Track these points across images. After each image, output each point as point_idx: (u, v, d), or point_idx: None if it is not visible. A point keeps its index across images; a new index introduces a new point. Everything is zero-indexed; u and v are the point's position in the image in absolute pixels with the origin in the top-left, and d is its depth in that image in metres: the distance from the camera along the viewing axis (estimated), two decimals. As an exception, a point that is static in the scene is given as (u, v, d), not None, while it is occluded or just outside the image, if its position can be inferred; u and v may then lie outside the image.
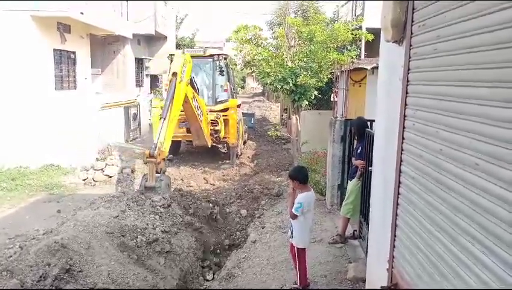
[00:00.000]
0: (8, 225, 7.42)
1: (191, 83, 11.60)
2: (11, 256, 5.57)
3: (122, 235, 6.58)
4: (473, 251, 2.05)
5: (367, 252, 4.72)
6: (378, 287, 3.36)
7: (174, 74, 9.28)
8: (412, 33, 2.98)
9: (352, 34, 11.55)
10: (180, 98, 9.44)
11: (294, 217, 4.64)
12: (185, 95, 9.84)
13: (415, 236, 2.79)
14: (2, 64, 11.16)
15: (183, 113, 12.89)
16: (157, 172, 8.41)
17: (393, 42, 3.29)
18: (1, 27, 11.08)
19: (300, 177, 4.67)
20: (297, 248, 4.72)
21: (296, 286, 4.83)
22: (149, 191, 8.29)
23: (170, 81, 9.29)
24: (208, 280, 6.80)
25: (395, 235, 3.18)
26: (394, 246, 3.19)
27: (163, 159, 8.64)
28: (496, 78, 1.92)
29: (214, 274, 6.88)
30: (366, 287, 4.45)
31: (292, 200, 4.68)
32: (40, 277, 4.94)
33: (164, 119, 8.81)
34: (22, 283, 4.81)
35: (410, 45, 2.99)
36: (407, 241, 2.93)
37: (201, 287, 6.25)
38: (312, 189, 4.92)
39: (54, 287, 4.90)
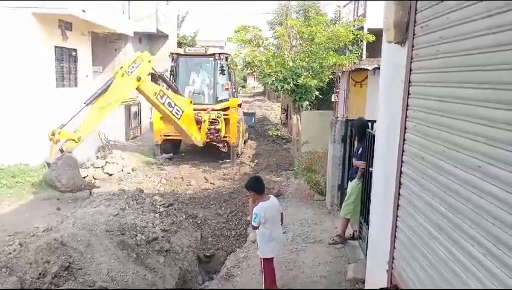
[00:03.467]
0: (8, 222, 7.41)
1: (164, 79, 11.96)
2: (10, 253, 5.56)
3: (121, 234, 6.58)
4: (474, 253, 2.05)
5: (367, 253, 4.71)
6: (378, 288, 3.36)
7: (121, 68, 9.87)
8: (414, 34, 2.98)
9: (353, 34, 11.53)
10: (120, 90, 9.91)
11: (254, 228, 4.62)
12: (133, 89, 10.48)
13: (416, 238, 2.79)
14: (3, 61, 11.14)
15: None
16: (61, 151, 8.74)
17: (395, 43, 3.28)
18: (2, 24, 11.07)
19: (255, 187, 4.62)
20: (262, 259, 4.68)
21: None
22: (48, 167, 8.68)
23: (116, 73, 9.81)
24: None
25: (395, 237, 3.17)
26: (394, 248, 3.19)
27: (75, 141, 8.90)
28: (498, 80, 1.91)
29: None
30: (366, 288, 4.44)
31: (251, 211, 4.62)
32: (40, 274, 4.93)
33: (86, 105, 9.27)
34: (22, 280, 4.81)
35: (413, 46, 2.98)
36: (408, 243, 2.93)
37: (201, 287, 6.24)
38: (272, 197, 4.79)
39: (53, 285, 4.89)
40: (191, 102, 12.35)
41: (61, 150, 8.74)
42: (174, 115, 11.41)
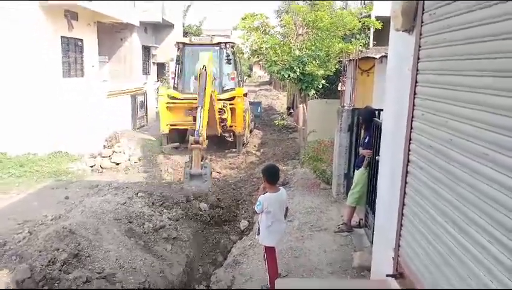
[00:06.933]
0: (17, 211, 7.51)
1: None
2: (20, 241, 5.66)
3: (129, 222, 6.67)
4: (480, 241, 2.05)
5: (373, 241, 4.73)
6: (384, 276, 3.38)
7: (204, 68, 9.54)
8: (422, 22, 2.94)
9: (360, 21, 11.43)
10: (209, 89, 9.78)
11: (257, 213, 4.69)
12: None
13: (422, 225, 2.80)
14: (11, 52, 11.20)
15: (190, 102, 12.96)
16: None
17: (403, 31, 3.25)
18: (9, 15, 11.09)
19: (267, 174, 4.63)
20: (264, 246, 4.75)
21: (267, 287, 4.79)
22: (195, 178, 8.36)
23: (200, 74, 9.49)
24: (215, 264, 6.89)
25: (401, 225, 3.18)
26: (400, 235, 3.20)
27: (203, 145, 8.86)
28: (506, 67, 1.90)
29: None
30: (371, 276, 4.47)
31: (258, 196, 4.72)
32: (49, 261, 5.02)
33: (202, 107, 9.13)
34: (32, 267, 4.89)
35: (421, 34, 2.95)
36: (414, 231, 2.94)
37: (200, 287, 6.30)
38: (282, 190, 4.75)
39: (62, 272, 4.97)
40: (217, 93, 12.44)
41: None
42: (214, 107, 11.47)
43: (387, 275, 3.31)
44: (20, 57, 11.24)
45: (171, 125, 13.49)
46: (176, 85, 14.02)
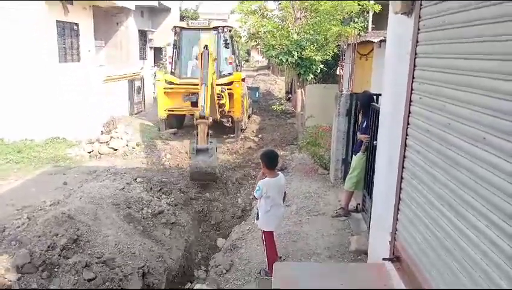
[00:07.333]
0: (15, 197, 7.51)
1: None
2: (19, 227, 5.67)
3: (128, 207, 6.69)
4: (477, 225, 2.06)
5: (370, 225, 4.76)
6: (380, 260, 3.41)
7: (206, 47, 9.45)
8: (421, 5, 2.91)
9: (359, 5, 11.32)
10: (212, 68, 9.70)
11: (255, 198, 4.72)
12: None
13: (419, 209, 2.81)
14: (5, 37, 11.07)
15: (188, 87, 12.89)
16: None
17: (402, 14, 3.22)
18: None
19: (265, 159, 4.65)
20: (263, 231, 4.78)
21: (265, 271, 4.83)
22: (201, 153, 8.32)
23: (202, 53, 9.42)
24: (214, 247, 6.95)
25: (398, 209, 3.20)
26: (397, 220, 3.22)
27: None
28: (505, 51, 1.88)
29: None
30: (368, 260, 4.51)
31: (257, 181, 4.74)
32: (48, 246, 5.05)
33: (205, 84, 9.10)
34: (31, 252, 4.92)
35: (419, 17, 2.93)
36: (411, 215, 2.95)
37: (199, 272, 6.35)
38: (280, 175, 4.75)
39: (62, 257, 5.01)
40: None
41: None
42: (215, 89, 11.38)
43: (383, 259, 3.34)
44: (16, 41, 11.11)
45: (168, 110, 13.42)
46: (173, 70, 13.90)
